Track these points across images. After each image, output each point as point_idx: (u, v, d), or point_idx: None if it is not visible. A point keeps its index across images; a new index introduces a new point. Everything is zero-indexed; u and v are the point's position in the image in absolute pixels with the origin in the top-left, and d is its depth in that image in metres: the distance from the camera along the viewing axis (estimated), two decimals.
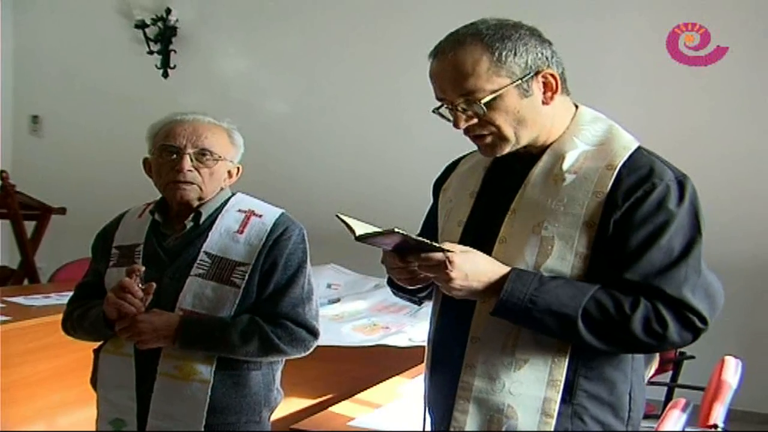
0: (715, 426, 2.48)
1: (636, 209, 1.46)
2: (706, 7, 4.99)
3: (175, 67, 6.32)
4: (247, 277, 1.98)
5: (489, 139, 1.54)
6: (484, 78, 1.47)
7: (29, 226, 5.38)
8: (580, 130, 1.57)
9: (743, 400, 3.21)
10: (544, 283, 1.45)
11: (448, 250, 1.44)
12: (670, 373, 4.07)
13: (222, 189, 2.09)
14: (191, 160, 1.99)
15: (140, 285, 1.92)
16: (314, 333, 2.04)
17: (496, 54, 1.47)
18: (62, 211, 5.48)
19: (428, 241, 1.44)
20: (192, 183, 1.99)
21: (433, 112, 1.57)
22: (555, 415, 1.49)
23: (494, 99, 1.48)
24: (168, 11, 6.22)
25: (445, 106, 1.54)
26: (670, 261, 1.45)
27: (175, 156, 2.00)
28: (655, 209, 1.46)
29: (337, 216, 1.47)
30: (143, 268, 1.94)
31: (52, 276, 4.64)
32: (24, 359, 3.01)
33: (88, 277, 2.18)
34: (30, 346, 3.06)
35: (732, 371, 2.82)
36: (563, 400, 1.50)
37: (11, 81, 6.63)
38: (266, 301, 1.99)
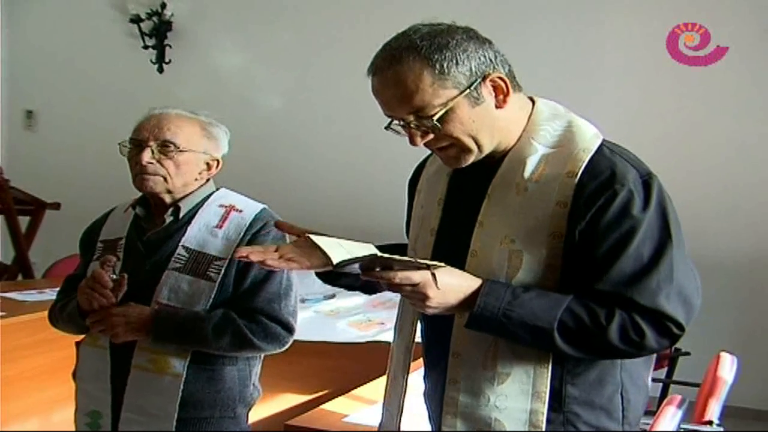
0: (710, 422, 2.49)
1: (599, 218, 1.41)
2: (706, 7, 4.99)
3: (170, 62, 6.31)
4: (223, 272, 1.98)
5: (452, 151, 1.49)
6: (429, 93, 1.40)
7: (23, 221, 5.37)
8: (537, 131, 1.51)
9: (738, 396, 3.21)
10: (517, 296, 1.41)
11: (435, 265, 1.38)
12: (665, 369, 4.08)
13: (205, 183, 2.10)
14: (153, 152, 2.00)
15: (113, 276, 1.93)
16: (289, 329, 2.02)
17: (437, 66, 1.40)
18: (56, 206, 5.46)
19: (413, 259, 1.40)
20: (155, 174, 2.00)
21: (386, 129, 1.51)
22: (543, 426, 1.48)
23: (446, 113, 1.42)
24: (163, 6, 6.21)
25: (396, 122, 1.48)
26: (641, 269, 1.41)
27: (138, 148, 2.01)
28: (618, 217, 1.41)
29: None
30: (114, 259, 1.96)
31: (47, 271, 4.63)
32: (18, 355, 3.00)
33: (77, 271, 2.20)
34: (24, 341, 3.05)
35: (727, 367, 2.83)
36: (553, 409, 1.48)
37: (5, 76, 6.60)
38: (242, 295, 1.99)
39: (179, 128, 2.03)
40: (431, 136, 1.46)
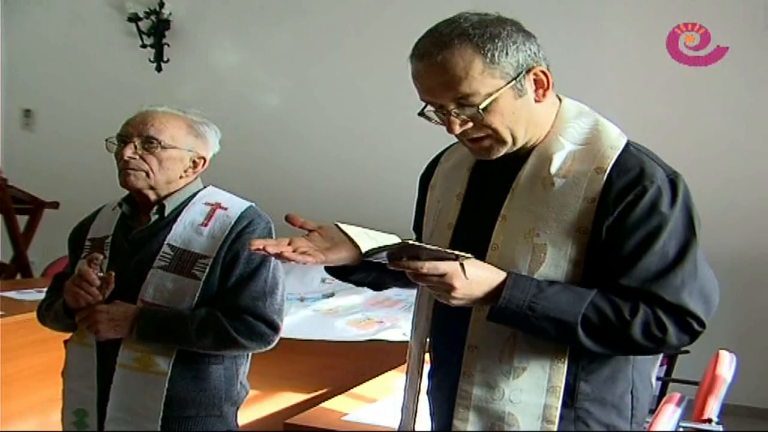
0: (710, 420, 2.49)
1: (628, 214, 1.43)
2: (706, 7, 5.00)
3: (168, 60, 6.30)
4: (208, 270, 1.98)
5: (486, 142, 1.49)
6: (478, 81, 1.41)
7: (22, 220, 5.37)
8: (565, 128, 1.52)
9: (737, 394, 3.21)
10: (542, 290, 1.42)
11: (463, 255, 1.37)
12: (664, 367, 4.08)
13: (192, 181, 2.09)
14: (135, 147, 2.00)
15: (99, 273, 1.93)
16: (274, 327, 2.01)
17: (489, 55, 1.40)
18: (55, 205, 5.46)
19: (441, 249, 1.38)
20: (137, 169, 2.00)
21: (419, 115, 1.51)
22: (556, 420, 1.48)
23: (490, 102, 1.42)
24: (161, 4, 6.20)
25: (433, 109, 1.48)
26: (666, 266, 1.42)
27: (123, 144, 2.02)
28: (647, 213, 1.42)
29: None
30: (101, 257, 1.97)
31: (45, 270, 4.63)
32: (16, 354, 3.00)
33: (66, 269, 2.20)
34: (22, 340, 3.05)
35: (726, 366, 2.83)
36: (566, 405, 1.49)
37: (3, 75, 6.59)
38: (227, 293, 1.99)
39: (164, 125, 2.03)
40: (470, 124, 1.46)
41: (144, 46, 6.28)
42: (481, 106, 1.42)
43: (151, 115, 2.04)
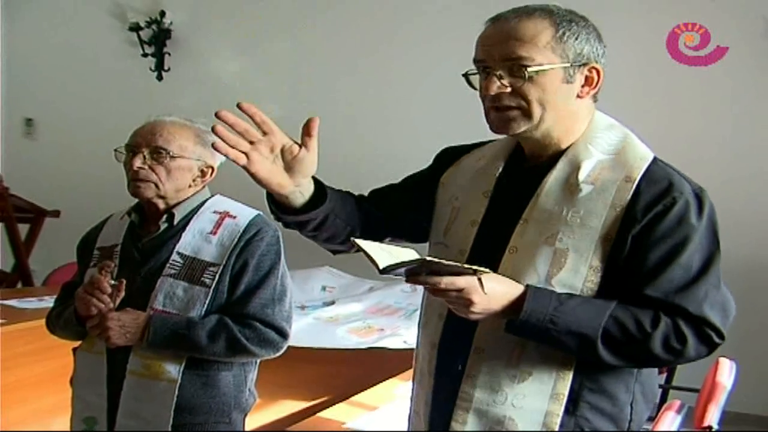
0: (710, 428, 2.49)
1: (656, 224, 1.44)
2: (706, 7, 5.00)
3: (169, 69, 6.32)
4: (217, 278, 1.99)
5: (512, 113, 1.49)
6: (539, 49, 1.45)
7: (23, 228, 5.37)
8: (594, 138, 1.54)
9: (737, 402, 3.21)
10: (562, 302, 1.42)
11: (481, 270, 1.38)
12: (665, 375, 4.08)
13: (200, 190, 2.11)
14: (144, 158, 2.02)
15: (110, 281, 1.94)
16: (283, 334, 2.03)
17: (560, 32, 1.46)
18: (56, 213, 5.47)
19: (460, 264, 1.39)
20: (146, 180, 2.02)
21: (463, 75, 1.53)
22: (557, 428, 1.48)
23: (538, 72, 1.45)
24: (162, 14, 6.23)
25: (479, 70, 1.50)
26: (690, 278, 1.43)
27: (132, 154, 2.03)
28: (675, 225, 1.44)
29: (352, 241, 1.42)
30: (113, 265, 1.98)
31: (46, 279, 4.63)
32: (18, 362, 3.00)
33: (74, 278, 2.22)
34: (24, 349, 3.06)
35: (726, 373, 2.83)
36: (566, 412, 1.49)
37: (5, 84, 6.61)
38: (236, 301, 2.00)
39: (172, 135, 2.05)
40: (509, 89, 1.47)
41: (145, 55, 6.30)
42: (529, 70, 1.45)
43: (159, 125, 2.06)
